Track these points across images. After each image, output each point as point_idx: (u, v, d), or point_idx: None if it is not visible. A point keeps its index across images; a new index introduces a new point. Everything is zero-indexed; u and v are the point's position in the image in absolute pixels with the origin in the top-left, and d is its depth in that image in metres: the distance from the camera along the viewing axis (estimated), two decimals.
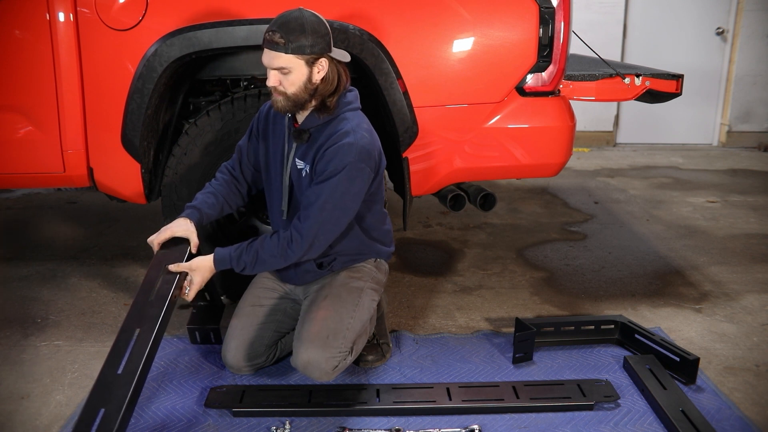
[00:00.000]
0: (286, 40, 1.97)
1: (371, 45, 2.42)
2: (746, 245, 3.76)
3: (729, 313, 2.88)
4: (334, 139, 2.07)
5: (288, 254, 2.10)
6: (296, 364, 2.12)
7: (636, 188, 5.04)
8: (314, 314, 2.16)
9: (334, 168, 2.04)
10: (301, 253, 2.10)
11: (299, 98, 2.06)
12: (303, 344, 2.09)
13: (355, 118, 2.13)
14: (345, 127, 2.08)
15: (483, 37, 2.50)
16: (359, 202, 2.13)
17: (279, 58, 1.99)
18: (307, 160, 2.15)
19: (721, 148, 6.66)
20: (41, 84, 2.47)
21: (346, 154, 2.04)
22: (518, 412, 2.10)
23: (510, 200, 4.62)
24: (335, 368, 2.10)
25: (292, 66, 2.00)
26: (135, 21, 2.42)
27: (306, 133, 2.13)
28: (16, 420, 2.07)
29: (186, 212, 2.20)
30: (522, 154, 2.63)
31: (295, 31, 1.97)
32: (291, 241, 2.09)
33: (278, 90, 2.05)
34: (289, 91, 2.04)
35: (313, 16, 2.02)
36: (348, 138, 2.05)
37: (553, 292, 3.09)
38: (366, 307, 2.24)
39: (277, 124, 2.24)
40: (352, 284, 2.25)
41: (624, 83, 2.87)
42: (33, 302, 2.90)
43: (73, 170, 2.58)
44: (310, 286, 2.32)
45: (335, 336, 2.10)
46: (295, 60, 1.99)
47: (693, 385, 2.27)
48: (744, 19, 6.36)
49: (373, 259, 2.34)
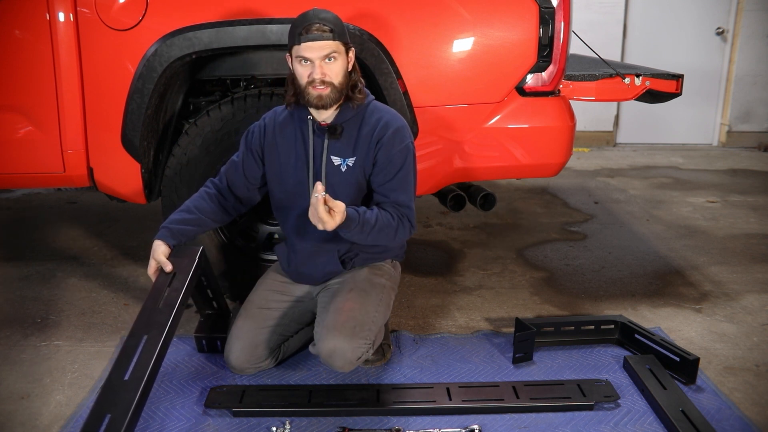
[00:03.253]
0: (330, 28, 2.05)
1: (371, 45, 2.42)
2: (746, 245, 3.76)
3: (729, 313, 2.88)
4: (384, 126, 2.17)
5: (400, 232, 2.17)
6: (319, 351, 2.11)
7: (636, 188, 5.04)
8: (341, 305, 2.16)
9: (399, 152, 2.16)
10: (409, 236, 2.22)
11: (343, 87, 2.13)
12: (330, 333, 2.09)
13: (382, 106, 2.25)
14: (383, 115, 2.20)
15: (483, 37, 2.50)
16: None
17: (329, 45, 2.06)
18: (345, 155, 2.18)
19: (721, 148, 6.66)
20: (41, 84, 2.47)
21: (404, 137, 2.19)
22: (518, 412, 2.10)
23: (510, 200, 4.62)
24: (359, 359, 2.11)
25: (338, 52, 2.09)
26: (135, 21, 2.41)
27: (340, 127, 2.18)
28: (16, 420, 2.07)
29: (158, 234, 2.18)
30: (522, 154, 2.63)
31: (333, 21, 2.08)
32: (402, 219, 2.16)
33: (325, 81, 2.08)
34: (336, 81, 2.10)
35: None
36: (396, 123, 2.19)
37: (553, 292, 3.09)
38: (387, 303, 2.28)
39: (286, 131, 2.24)
40: (375, 280, 2.28)
41: (624, 83, 2.87)
42: (33, 302, 2.90)
43: (73, 170, 2.58)
44: (327, 282, 2.34)
45: (362, 327, 2.12)
46: (340, 47, 2.09)
47: (693, 385, 2.27)
48: (744, 19, 6.36)
49: (390, 259, 2.39)
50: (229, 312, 2.57)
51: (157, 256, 2.14)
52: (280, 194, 2.29)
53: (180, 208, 2.27)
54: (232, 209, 2.33)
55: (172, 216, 2.24)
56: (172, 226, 2.20)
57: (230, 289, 2.74)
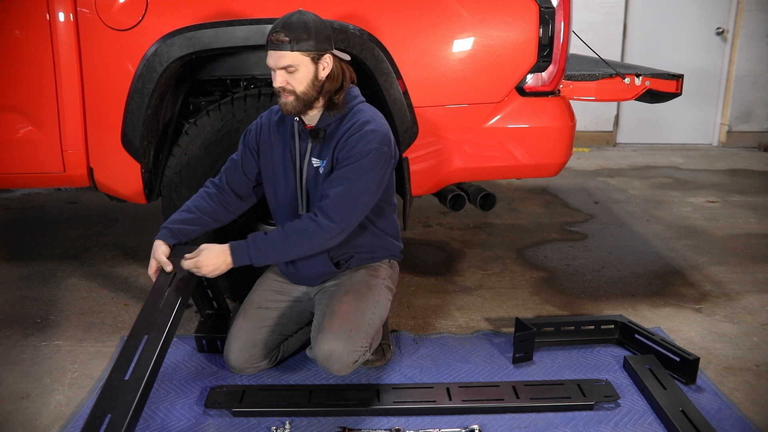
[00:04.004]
0: (290, 38, 2.00)
1: (371, 45, 2.42)
2: (746, 245, 3.76)
3: (729, 313, 2.88)
4: (356, 128, 2.11)
5: (314, 233, 2.08)
6: (316, 355, 2.11)
7: (636, 188, 5.04)
8: (337, 308, 2.16)
9: (359, 153, 2.08)
10: (329, 236, 2.10)
11: (308, 96, 2.08)
12: (325, 336, 2.09)
13: (368, 109, 2.18)
14: (363, 117, 2.13)
15: (483, 37, 2.50)
16: (382, 187, 2.16)
17: (285, 57, 2.02)
18: (323, 157, 2.17)
19: (721, 148, 6.66)
20: (41, 84, 2.47)
21: (371, 140, 2.09)
22: (518, 412, 2.10)
23: (510, 200, 4.62)
24: (355, 362, 2.11)
25: (298, 63, 2.03)
26: (135, 21, 2.41)
27: (322, 132, 2.16)
28: (16, 420, 2.07)
29: (158, 234, 2.20)
30: (522, 154, 2.63)
31: (298, 29, 2.01)
32: (316, 217, 2.08)
33: (287, 90, 2.06)
34: (298, 90, 2.06)
35: (314, 16, 2.07)
36: (370, 125, 2.11)
37: (553, 292, 3.09)
38: (384, 305, 2.26)
39: (281, 131, 2.25)
40: (371, 282, 2.27)
41: (624, 83, 2.87)
42: (33, 302, 2.90)
43: (73, 170, 2.58)
44: (325, 284, 2.34)
45: (358, 330, 2.11)
46: (300, 57, 2.03)
47: (693, 385, 2.27)
48: (744, 19, 6.36)
49: (387, 260, 2.37)
50: (229, 312, 2.57)
51: (158, 255, 2.15)
52: (271, 192, 2.31)
53: (180, 208, 2.28)
54: (233, 207, 2.33)
55: (172, 216, 2.25)
56: (173, 225, 2.21)
57: (230, 289, 2.74)
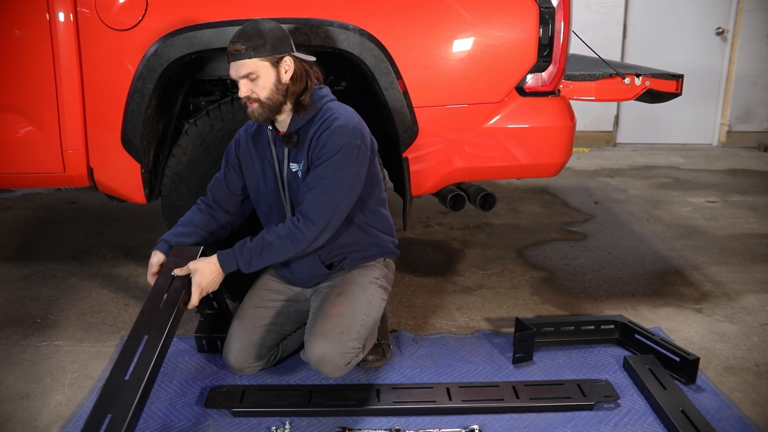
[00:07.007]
0: (247, 46, 2.02)
1: (371, 45, 2.42)
2: (746, 245, 3.76)
3: (729, 313, 2.88)
4: (325, 125, 2.10)
5: (297, 236, 2.08)
6: (308, 358, 2.11)
7: (636, 188, 5.04)
8: (328, 310, 2.16)
9: (330, 150, 2.07)
10: (312, 237, 2.09)
11: (274, 101, 2.08)
12: (317, 339, 2.09)
13: (338, 106, 2.18)
14: (333, 114, 2.13)
15: (483, 37, 2.50)
16: (362, 182, 2.15)
17: (245, 65, 2.04)
18: (299, 161, 2.17)
19: (721, 148, 6.66)
20: (41, 84, 2.47)
21: (341, 135, 2.08)
22: (518, 412, 2.10)
23: (510, 200, 4.62)
24: (348, 364, 2.10)
25: (258, 69, 2.04)
26: (135, 21, 2.41)
27: (295, 135, 2.16)
28: (16, 420, 2.07)
29: (156, 246, 2.24)
30: (522, 154, 2.63)
31: (254, 37, 2.03)
32: (298, 221, 2.09)
33: (252, 98, 2.08)
34: (262, 96, 2.07)
35: (269, 21, 2.09)
36: (339, 121, 2.10)
37: (553, 292, 3.09)
38: (377, 305, 2.25)
39: (258, 142, 2.27)
40: (364, 282, 2.26)
41: (624, 83, 2.87)
42: (33, 302, 2.90)
43: (73, 170, 2.58)
44: (319, 284, 2.34)
45: (349, 332, 2.11)
46: (260, 63, 2.04)
47: (693, 385, 2.27)
48: (744, 19, 6.36)
49: (382, 258, 2.36)
50: (229, 312, 2.57)
51: (152, 262, 2.19)
52: (258, 201, 2.33)
53: (177, 223, 2.33)
54: (225, 222, 2.36)
55: (170, 231, 2.30)
56: (170, 238, 2.26)
57: (230, 289, 2.74)
